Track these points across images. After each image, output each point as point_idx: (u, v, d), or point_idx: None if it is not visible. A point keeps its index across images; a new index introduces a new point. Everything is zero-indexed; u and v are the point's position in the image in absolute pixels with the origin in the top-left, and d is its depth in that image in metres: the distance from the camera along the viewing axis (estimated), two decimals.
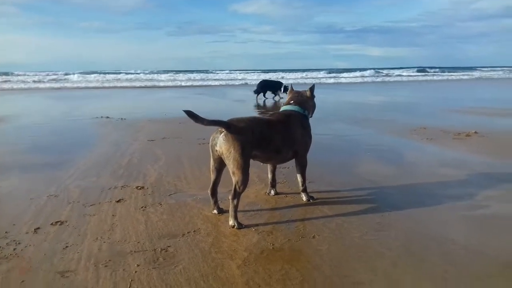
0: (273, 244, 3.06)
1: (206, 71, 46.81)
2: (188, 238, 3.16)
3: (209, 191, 3.66)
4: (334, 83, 31.11)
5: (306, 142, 3.90)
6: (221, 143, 3.32)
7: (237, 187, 3.33)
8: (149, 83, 29.38)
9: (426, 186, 4.50)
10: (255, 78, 33.80)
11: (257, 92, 15.93)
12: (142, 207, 3.85)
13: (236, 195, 3.35)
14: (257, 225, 3.43)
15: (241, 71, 46.83)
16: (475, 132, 7.52)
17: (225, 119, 3.42)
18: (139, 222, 3.48)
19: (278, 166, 4.27)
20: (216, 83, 30.76)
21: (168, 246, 3.02)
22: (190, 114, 3.24)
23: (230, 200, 3.36)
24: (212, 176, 3.61)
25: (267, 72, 44.65)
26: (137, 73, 40.15)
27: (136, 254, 2.90)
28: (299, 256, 2.89)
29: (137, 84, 28.75)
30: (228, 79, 34.37)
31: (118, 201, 4.01)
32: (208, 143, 3.50)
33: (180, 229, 3.34)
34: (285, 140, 3.67)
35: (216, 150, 3.41)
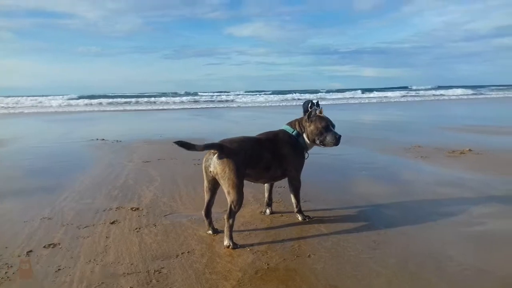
0: (268, 264, 3.03)
1: (198, 94, 46.89)
2: (182, 259, 3.13)
3: (203, 212, 3.64)
4: (333, 104, 31.34)
5: (295, 161, 3.88)
6: (215, 164, 3.36)
7: (232, 206, 3.34)
8: (145, 106, 29.50)
9: (422, 204, 4.49)
10: (249, 100, 34.08)
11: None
12: (136, 229, 3.81)
13: (232, 214, 3.35)
14: (252, 244, 3.41)
15: (237, 93, 46.91)
16: (470, 150, 7.55)
17: (221, 138, 3.45)
18: (133, 244, 3.45)
19: (274, 185, 4.27)
20: (212, 105, 30.92)
21: (162, 268, 2.99)
22: (181, 144, 3.30)
23: (226, 220, 3.35)
24: (206, 197, 3.61)
25: (261, 93, 44.76)
26: (133, 96, 40.31)
27: (129, 276, 2.87)
28: (294, 276, 2.86)
29: (134, 107, 28.88)
30: (223, 101, 34.60)
31: (112, 223, 3.97)
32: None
33: (174, 250, 3.31)
34: (274, 157, 3.71)
35: (211, 171, 3.43)
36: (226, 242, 3.35)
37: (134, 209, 4.40)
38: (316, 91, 50.85)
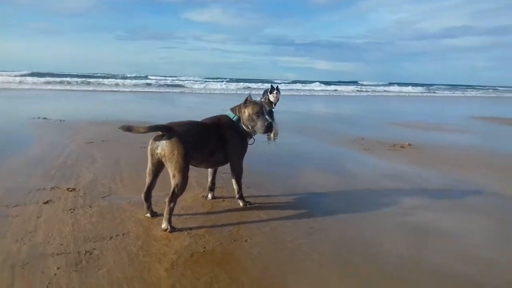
0: (204, 247, 3.02)
1: (149, 77, 45.68)
2: (116, 241, 3.05)
3: (143, 195, 3.57)
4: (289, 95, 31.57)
5: (236, 147, 3.86)
6: (164, 146, 3.30)
7: (176, 189, 3.30)
8: (94, 87, 28.47)
9: (361, 194, 4.63)
10: (203, 87, 33.81)
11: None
12: (70, 209, 3.68)
13: (174, 198, 3.31)
14: (190, 228, 3.38)
15: (190, 79, 46.08)
16: (409, 144, 7.87)
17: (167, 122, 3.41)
18: (65, 224, 3.32)
19: (218, 170, 4.24)
20: (164, 89, 30.34)
21: (94, 249, 2.90)
22: (125, 128, 3.26)
23: (167, 203, 3.30)
24: (148, 179, 3.54)
25: (217, 80, 44.29)
26: (83, 76, 38.69)
27: (58, 256, 2.76)
28: (230, 259, 2.87)
29: (83, 87, 27.79)
30: (176, 85, 34.03)
31: (45, 203, 3.81)
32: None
33: (108, 231, 3.22)
34: (217, 142, 3.70)
35: (157, 153, 3.36)
36: (164, 225, 3.30)
37: (70, 189, 4.24)
38: (271, 82, 51.05)
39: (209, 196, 4.18)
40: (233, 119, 3.89)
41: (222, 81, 43.90)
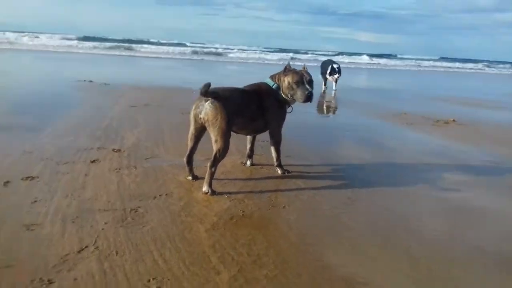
0: (243, 211, 3.09)
1: (188, 44, 45.62)
2: (159, 201, 3.17)
3: (185, 159, 3.66)
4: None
5: (275, 114, 3.87)
6: (208, 110, 3.34)
7: (218, 154, 3.37)
8: (136, 52, 28.89)
9: (401, 168, 4.57)
10: (245, 57, 33.61)
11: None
12: (116, 169, 3.83)
13: (215, 162, 3.38)
14: (230, 193, 3.45)
15: (233, 48, 45.59)
16: (453, 120, 7.62)
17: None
18: (111, 183, 3.47)
19: (257, 139, 4.28)
20: (205, 56, 30.43)
21: (138, 207, 3.03)
22: (206, 85, 3.28)
23: (208, 167, 3.38)
24: (190, 144, 3.61)
25: (257, 49, 43.73)
26: (123, 41, 39.18)
27: (105, 212, 2.90)
28: (268, 224, 2.93)
29: (124, 52, 28.25)
30: (215, 53, 34.03)
31: (92, 162, 3.98)
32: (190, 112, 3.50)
33: (152, 191, 3.35)
34: (258, 109, 3.72)
35: (201, 118, 3.40)
36: (205, 188, 3.39)
37: (115, 150, 4.40)
38: (311, 52, 49.94)
39: (248, 163, 4.23)
40: (273, 87, 3.88)
41: (262, 51, 43.24)
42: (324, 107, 9.04)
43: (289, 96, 3.82)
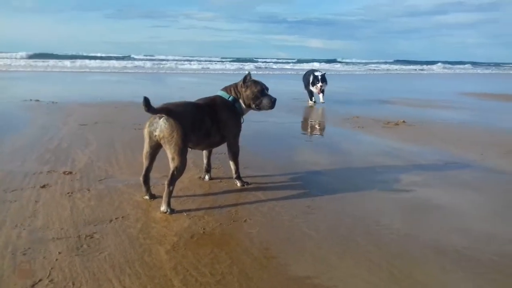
0: (204, 229, 3.04)
1: (139, 57, 44.91)
2: (115, 224, 3.06)
3: (141, 178, 3.56)
4: (282, 73, 31.40)
5: (232, 127, 3.88)
6: (163, 127, 3.27)
7: (175, 172, 3.30)
8: (85, 67, 28.10)
9: (356, 172, 4.67)
10: (195, 68, 33.40)
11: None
12: (68, 193, 3.67)
13: (173, 180, 3.32)
14: (189, 210, 3.39)
15: (181, 59, 45.07)
16: (403, 121, 7.90)
17: (163, 103, 3.43)
18: (64, 208, 3.32)
19: (213, 151, 4.25)
20: (156, 69, 30.04)
21: (94, 233, 2.91)
22: (147, 102, 3.19)
23: (166, 186, 3.30)
24: (146, 162, 3.52)
25: (211, 62, 43.45)
26: (72, 56, 38.00)
27: (59, 241, 2.77)
28: (230, 240, 2.90)
29: (72, 68, 27.40)
30: (167, 65, 33.66)
31: (42, 187, 3.80)
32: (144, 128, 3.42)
33: (108, 215, 3.23)
34: (213, 123, 3.68)
35: (156, 135, 3.32)
36: (163, 207, 3.31)
37: (66, 173, 4.22)
38: (261, 60, 50.41)
39: (206, 177, 4.19)
40: (229, 99, 3.88)
41: (214, 61, 43.05)
42: (309, 127, 8.08)
43: (254, 106, 3.91)
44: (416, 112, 9.60)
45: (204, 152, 4.15)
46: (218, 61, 43.17)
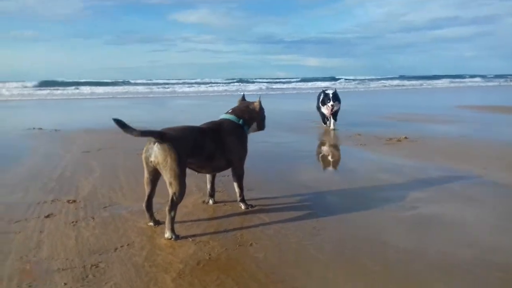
0: (209, 254, 3.02)
1: (141, 81, 45.22)
2: (121, 253, 3.04)
3: (144, 205, 3.54)
4: (275, 93, 31.63)
5: (240, 151, 3.90)
6: (156, 153, 3.24)
7: (174, 197, 3.26)
8: (87, 94, 28.37)
9: (361, 190, 4.65)
10: (194, 91, 33.60)
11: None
12: (72, 222, 3.66)
13: (173, 206, 3.28)
14: (194, 235, 3.37)
15: (180, 82, 45.09)
16: (405, 137, 7.91)
17: (164, 127, 3.44)
18: (68, 238, 3.31)
19: (217, 174, 4.24)
20: (158, 93, 30.28)
21: (99, 262, 2.89)
22: (119, 123, 3.17)
23: (167, 212, 3.27)
24: (147, 189, 3.50)
25: (207, 84, 43.58)
26: (73, 83, 38.29)
27: (64, 272, 2.75)
28: (236, 265, 2.87)
29: (74, 95, 27.68)
30: (167, 89, 33.93)
31: (47, 217, 3.79)
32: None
33: (112, 243, 3.21)
34: (217, 147, 3.67)
35: (151, 161, 3.31)
36: (167, 234, 3.28)
37: (71, 201, 4.22)
38: (262, 81, 50.75)
39: (210, 201, 4.17)
40: (239, 122, 3.93)
41: (214, 83, 43.24)
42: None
43: (261, 127, 4.20)
44: (417, 127, 9.62)
45: (208, 176, 4.14)
46: (219, 83, 43.43)
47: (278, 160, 6.30)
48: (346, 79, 53.86)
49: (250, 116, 4.02)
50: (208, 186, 4.16)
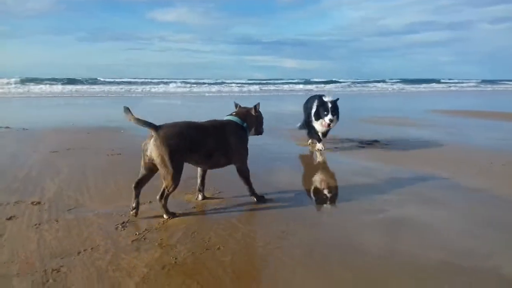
0: (175, 258, 2.97)
1: (116, 79, 44.49)
2: (84, 257, 2.96)
3: (133, 185, 3.70)
4: (255, 95, 31.64)
5: (243, 152, 4.08)
6: (152, 149, 3.48)
7: (166, 190, 3.57)
8: (56, 91, 27.75)
9: (332, 193, 4.69)
10: (170, 91, 33.26)
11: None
12: (35, 225, 3.55)
13: (164, 196, 3.60)
14: (161, 238, 3.32)
15: (159, 81, 44.51)
16: (377, 141, 8.01)
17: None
18: (30, 241, 3.20)
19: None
20: (131, 92, 29.87)
21: (61, 266, 2.81)
22: (125, 108, 3.55)
23: (158, 200, 3.63)
24: (141, 171, 3.67)
25: (188, 82, 43.17)
26: (44, 79, 37.39)
27: (23, 277, 2.66)
28: (202, 269, 2.83)
29: (44, 93, 27.04)
30: (138, 89, 33.51)
31: (8, 219, 3.66)
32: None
33: (76, 246, 3.13)
34: (218, 145, 3.81)
35: (147, 155, 3.53)
36: (165, 216, 3.68)
37: (35, 203, 4.09)
38: (237, 81, 50.60)
39: (199, 197, 4.24)
40: (243, 125, 4.12)
41: (190, 83, 42.72)
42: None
43: (259, 131, 4.44)
44: (390, 131, 9.75)
45: (199, 171, 4.22)
46: (196, 83, 43.02)
47: (250, 162, 6.26)
48: (323, 82, 54.28)
49: (250, 120, 4.24)
50: (198, 181, 4.22)
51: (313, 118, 6.99)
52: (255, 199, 4.21)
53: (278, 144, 7.93)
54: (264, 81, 51.07)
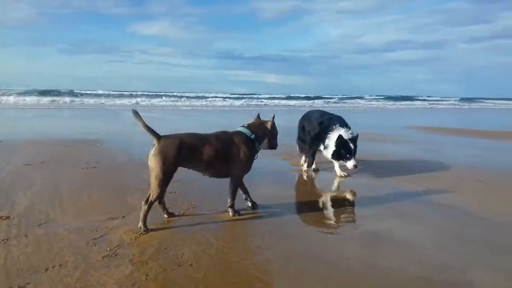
0: (146, 275, 2.91)
1: (97, 91, 44.03)
2: (52, 273, 2.88)
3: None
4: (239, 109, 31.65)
5: (246, 164, 4.11)
6: (151, 159, 3.62)
7: (151, 196, 3.66)
8: (36, 103, 27.29)
9: (309, 208, 4.70)
10: (150, 104, 33.05)
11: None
12: (3, 240, 3.45)
13: (148, 202, 3.67)
14: (132, 254, 3.26)
15: (134, 94, 43.79)
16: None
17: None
18: None
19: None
20: (111, 106, 29.58)
21: (27, 283, 2.73)
22: (134, 111, 3.75)
23: (142, 204, 3.70)
24: None
25: (168, 96, 42.94)
26: (22, 92, 36.68)
27: None
28: (173, 287, 2.79)
29: (21, 105, 26.56)
30: (118, 102, 33.23)
31: None
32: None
33: (44, 263, 3.04)
34: (220, 156, 3.86)
35: (148, 165, 3.65)
36: (139, 224, 3.72)
37: (4, 217, 3.98)
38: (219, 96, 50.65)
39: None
40: (251, 137, 4.13)
41: (170, 96, 42.47)
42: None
43: (273, 145, 4.43)
44: (366, 147, 9.85)
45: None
46: (174, 96, 42.87)
47: None
48: (304, 97, 54.72)
49: (263, 132, 4.27)
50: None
51: (326, 150, 6.41)
52: (230, 213, 4.19)
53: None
54: (247, 96, 51.24)
